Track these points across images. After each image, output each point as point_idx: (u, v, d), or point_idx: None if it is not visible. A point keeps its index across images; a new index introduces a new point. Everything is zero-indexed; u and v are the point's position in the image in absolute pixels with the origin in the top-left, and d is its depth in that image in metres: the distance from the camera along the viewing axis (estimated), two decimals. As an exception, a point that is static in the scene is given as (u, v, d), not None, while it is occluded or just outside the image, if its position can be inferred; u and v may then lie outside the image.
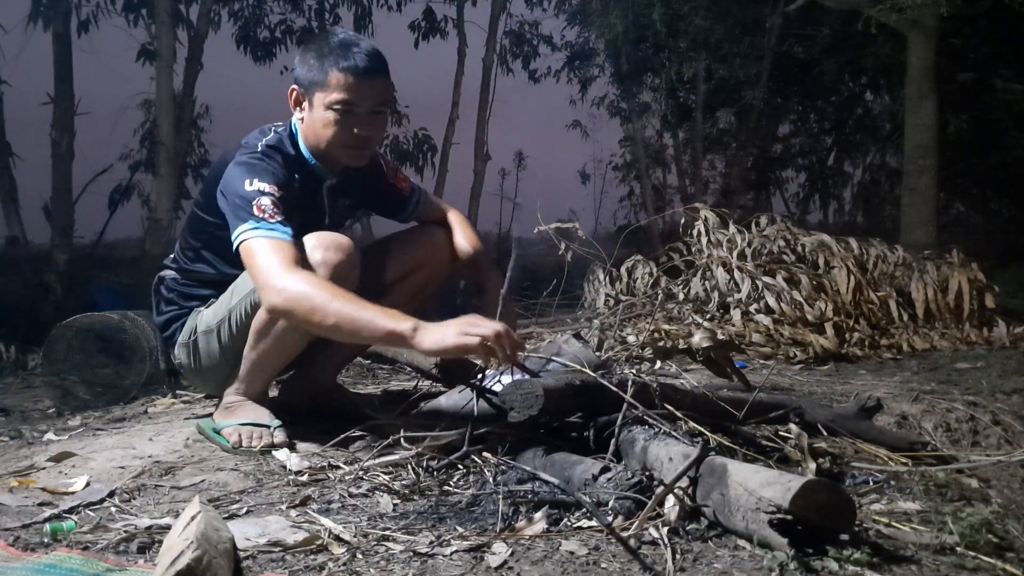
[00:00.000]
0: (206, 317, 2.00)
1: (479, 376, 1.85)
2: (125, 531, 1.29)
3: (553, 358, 1.87)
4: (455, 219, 2.27)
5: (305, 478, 1.60)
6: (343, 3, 12.68)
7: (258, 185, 1.83)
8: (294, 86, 1.95)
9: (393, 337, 1.68)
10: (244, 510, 1.42)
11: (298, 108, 1.96)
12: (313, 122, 1.93)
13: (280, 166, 1.91)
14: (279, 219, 1.79)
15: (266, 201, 1.80)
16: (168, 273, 2.12)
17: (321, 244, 1.82)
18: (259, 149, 1.92)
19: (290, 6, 12.61)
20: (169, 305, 2.10)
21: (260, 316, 1.87)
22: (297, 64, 1.94)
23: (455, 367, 2.43)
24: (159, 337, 2.18)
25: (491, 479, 1.51)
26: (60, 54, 9.01)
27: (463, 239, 2.21)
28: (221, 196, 1.87)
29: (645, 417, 1.54)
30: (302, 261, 1.77)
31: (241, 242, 1.79)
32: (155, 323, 2.18)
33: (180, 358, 2.06)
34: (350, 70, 1.85)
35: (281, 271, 1.72)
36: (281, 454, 1.76)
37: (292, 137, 2.01)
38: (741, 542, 1.17)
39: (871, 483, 1.53)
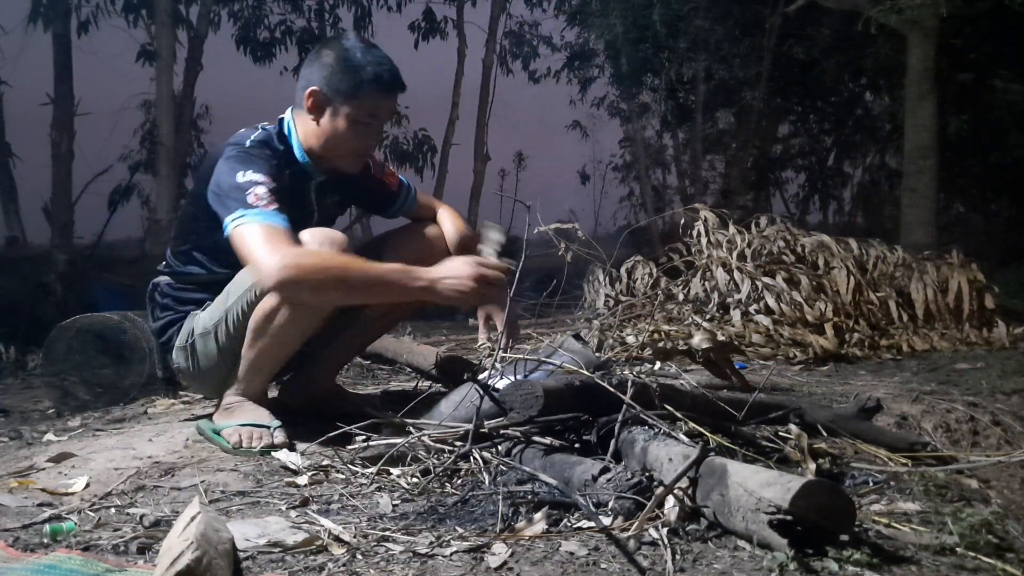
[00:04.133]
0: (203, 319, 2.00)
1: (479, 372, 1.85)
2: (125, 531, 1.29)
3: (547, 360, 1.87)
4: (445, 214, 2.28)
5: (305, 479, 1.60)
6: (343, 3, 12.70)
7: (251, 176, 1.82)
8: (314, 88, 1.93)
9: (418, 293, 1.76)
10: (244, 511, 1.42)
11: (314, 111, 1.95)
12: (332, 129, 1.95)
13: (270, 158, 1.92)
14: (274, 207, 1.78)
15: (261, 190, 1.80)
16: (162, 279, 2.11)
17: (316, 239, 1.83)
18: (247, 144, 1.93)
19: (290, 7, 12.64)
20: (164, 311, 2.09)
21: (257, 315, 1.87)
22: (318, 68, 1.93)
23: (453, 368, 2.43)
24: (156, 343, 2.17)
25: (491, 480, 1.51)
26: (60, 54, 9.03)
27: (451, 226, 2.22)
28: (212, 193, 1.86)
29: (645, 417, 1.54)
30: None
31: (235, 228, 1.75)
32: (151, 329, 2.18)
33: (179, 362, 2.05)
34: (384, 89, 1.93)
35: (281, 248, 1.71)
36: (281, 454, 1.76)
37: (281, 135, 2.01)
38: (741, 543, 1.17)
39: (871, 483, 1.53)
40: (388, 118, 2.04)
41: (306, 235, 1.83)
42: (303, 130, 2.00)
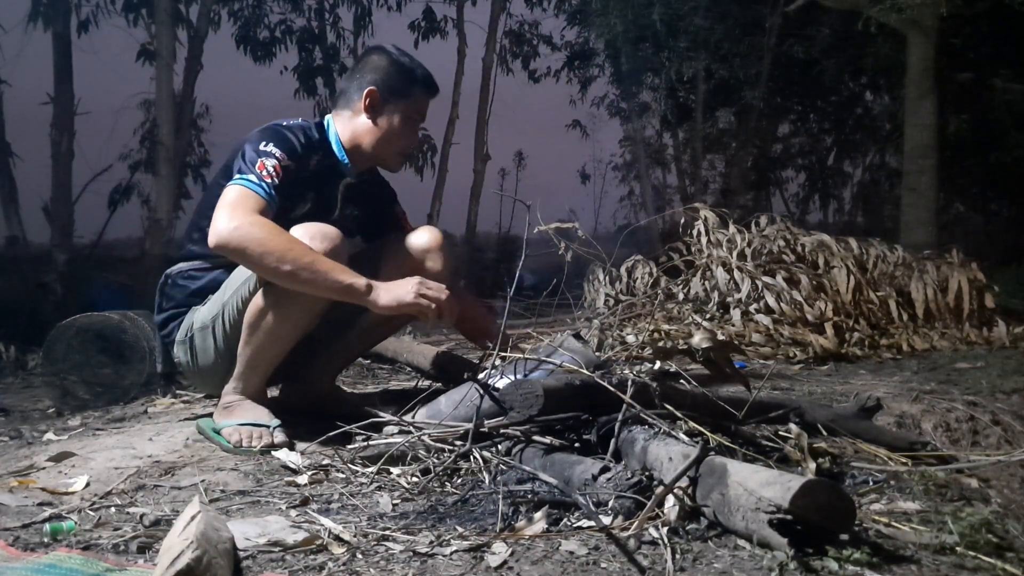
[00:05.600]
0: (201, 314, 2.00)
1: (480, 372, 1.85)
2: (125, 531, 1.29)
3: (547, 359, 1.87)
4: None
5: (305, 478, 1.60)
6: (343, 3, 12.69)
7: (271, 148, 1.93)
8: (372, 88, 2.06)
9: (350, 291, 1.81)
10: (244, 510, 1.42)
11: (371, 110, 2.08)
12: (387, 126, 2.09)
13: (300, 140, 2.01)
14: (271, 182, 1.87)
15: (270, 163, 1.90)
16: (175, 267, 2.11)
17: (308, 233, 1.85)
18: (283, 124, 2.03)
19: (290, 6, 12.63)
20: (169, 302, 2.10)
21: (251, 310, 1.88)
22: (372, 72, 2.09)
23: (453, 367, 2.43)
24: (157, 337, 2.18)
25: (491, 479, 1.51)
26: (60, 54, 9.02)
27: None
28: (237, 162, 1.93)
29: (645, 417, 1.54)
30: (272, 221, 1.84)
31: (228, 187, 1.86)
32: (155, 322, 2.18)
33: (179, 356, 2.06)
34: (431, 89, 2.15)
35: (244, 213, 1.80)
36: (281, 454, 1.76)
37: (321, 129, 2.11)
38: (741, 542, 1.17)
39: (871, 483, 1.53)
40: (424, 119, 2.19)
41: (299, 229, 1.85)
42: (351, 130, 2.10)
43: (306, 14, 12.85)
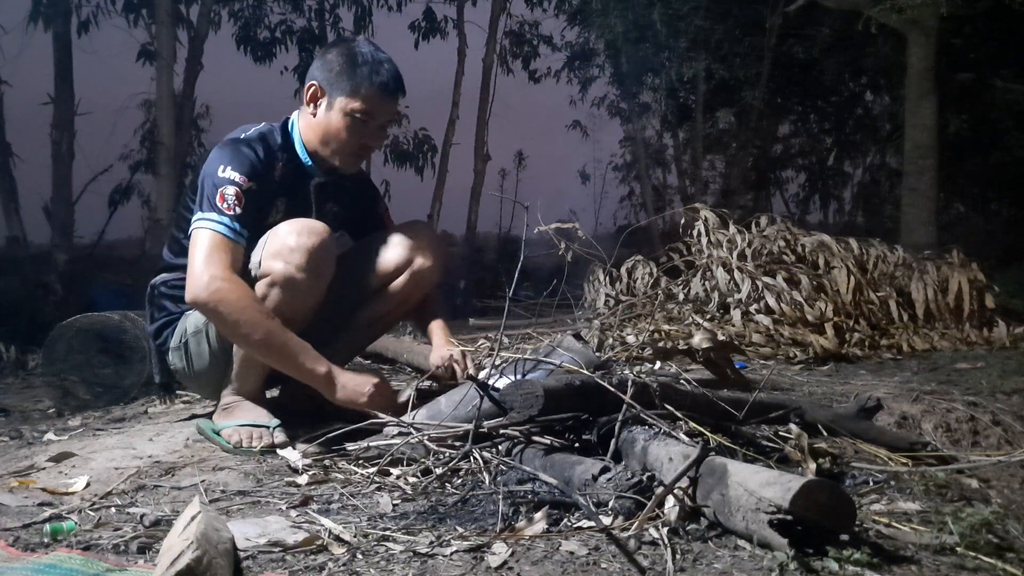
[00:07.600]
0: (194, 318, 2.00)
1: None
2: (125, 531, 1.29)
3: (547, 360, 1.87)
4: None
5: (305, 478, 1.60)
6: (343, 3, 12.68)
7: (229, 173, 1.89)
8: (313, 82, 1.98)
9: (312, 378, 1.84)
10: (244, 510, 1.42)
11: (312, 104, 1.99)
12: (326, 122, 1.98)
13: (259, 154, 1.96)
14: (235, 213, 1.86)
15: (231, 191, 1.87)
16: (159, 278, 2.11)
17: (295, 229, 1.85)
18: (242, 137, 1.98)
19: (290, 6, 12.62)
20: (160, 311, 2.10)
21: None
22: (320, 64, 1.99)
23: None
24: (152, 347, 2.16)
25: (491, 479, 1.51)
26: (60, 54, 9.01)
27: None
28: (199, 180, 1.93)
29: (645, 417, 1.54)
30: (242, 268, 1.86)
31: (194, 227, 1.87)
32: (148, 332, 2.18)
33: (175, 363, 2.05)
34: (379, 86, 1.94)
35: (222, 272, 1.80)
36: (282, 454, 1.76)
37: (284, 130, 2.05)
38: (741, 542, 1.17)
39: (871, 483, 1.53)
40: (388, 122, 2.04)
41: (286, 225, 1.86)
42: (305, 126, 2.04)
43: (306, 14, 12.84)
